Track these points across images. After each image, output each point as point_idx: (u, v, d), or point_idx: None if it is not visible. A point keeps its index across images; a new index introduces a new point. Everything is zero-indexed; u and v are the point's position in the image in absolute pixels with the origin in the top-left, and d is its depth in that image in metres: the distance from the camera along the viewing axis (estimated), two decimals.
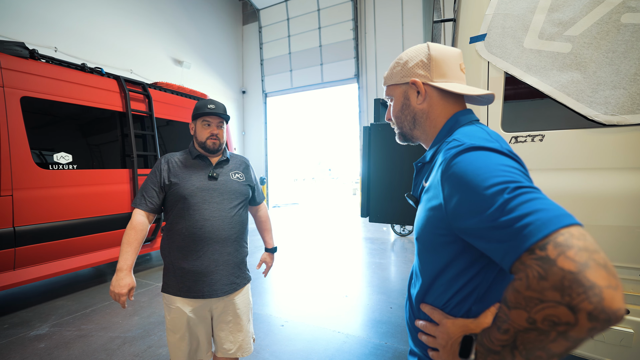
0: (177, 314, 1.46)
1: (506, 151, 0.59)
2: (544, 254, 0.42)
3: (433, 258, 0.67)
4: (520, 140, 1.45)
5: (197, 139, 1.53)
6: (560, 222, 0.44)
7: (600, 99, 1.32)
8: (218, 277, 1.47)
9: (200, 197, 1.45)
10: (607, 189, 1.30)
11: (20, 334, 2.73)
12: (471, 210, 0.53)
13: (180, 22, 9.39)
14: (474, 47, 1.55)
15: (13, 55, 3.02)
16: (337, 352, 2.40)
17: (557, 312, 0.40)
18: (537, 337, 0.43)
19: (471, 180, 0.54)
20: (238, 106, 12.10)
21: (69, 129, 3.52)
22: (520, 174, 0.54)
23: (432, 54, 0.74)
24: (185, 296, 1.45)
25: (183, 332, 1.47)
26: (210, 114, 1.50)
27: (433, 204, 0.64)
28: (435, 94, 0.75)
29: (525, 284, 0.44)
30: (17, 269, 2.95)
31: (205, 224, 1.44)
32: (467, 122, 0.73)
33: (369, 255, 5.19)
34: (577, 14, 1.36)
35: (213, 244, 1.45)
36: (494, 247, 0.50)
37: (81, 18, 6.70)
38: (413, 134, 0.81)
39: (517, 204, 0.48)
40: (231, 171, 1.59)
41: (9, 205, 2.86)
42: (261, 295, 3.56)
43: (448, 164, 0.60)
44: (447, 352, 0.62)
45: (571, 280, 0.39)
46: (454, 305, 0.65)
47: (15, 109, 2.96)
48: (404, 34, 9.27)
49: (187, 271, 1.43)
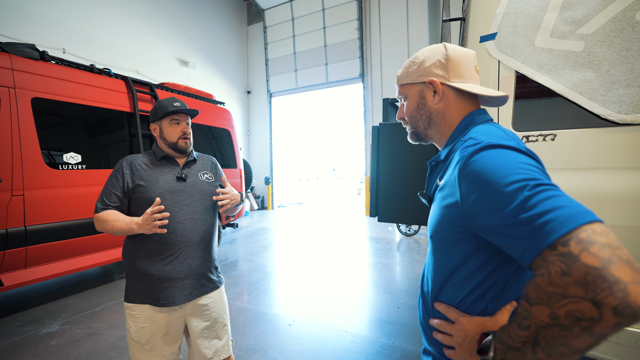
0: (147, 323, 1.35)
1: (524, 149, 0.59)
2: (567, 250, 0.42)
3: (448, 256, 0.67)
4: (531, 140, 1.44)
5: (165, 139, 1.43)
6: (582, 219, 0.44)
7: (614, 98, 1.30)
8: (190, 281, 1.39)
9: (170, 200, 1.36)
10: (621, 189, 1.28)
11: (32, 331, 2.77)
12: (490, 208, 0.53)
13: (186, 23, 9.45)
14: (484, 46, 1.54)
15: (24, 57, 3.06)
16: (345, 351, 2.40)
17: (581, 308, 0.40)
18: (559, 332, 0.43)
19: (490, 177, 0.54)
20: (243, 106, 12.14)
21: (78, 129, 3.56)
22: (539, 171, 0.54)
23: (449, 54, 0.74)
24: (155, 304, 1.34)
25: (153, 343, 1.35)
26: (178, 112, 1.40)
27: (449, 201, 0.64)
28: (452, 94, 0.76)
29: (548, 279, 0.44)
30: (28, 268, 3.00)
31: (177, 227, 1.35)
32: (482, 121, 0.73)
33: (374, 255, 5.18)
34: (590, 12, 1.35)
35: (185, 248, 1.37)
36: (513, 244, 0.50)
37: (89, 19, 6.77)
38: (427, 133, 0.81)
39: (538, 201, 0.48)
40: (199, 171, 1.51)
41: (20, 205, 2.90)
42: (267, 295, 3.57)
43: (466, 162, 0.60)
44: (464, 350, 0.62)
45: (595, 276, 0.39)
46: (469, 303, 0.65)
47: (26, 109, 3.00)
48: (409, 34, 9.22)
49: (157, 278, 1.33)
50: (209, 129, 5.26)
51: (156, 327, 1.36)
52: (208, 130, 5.25)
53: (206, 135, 5.23)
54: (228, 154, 5.62)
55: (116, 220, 1.29)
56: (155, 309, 1.36)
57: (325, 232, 7.28)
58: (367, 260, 4.89)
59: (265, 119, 12.01)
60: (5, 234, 2.79)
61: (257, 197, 11.87)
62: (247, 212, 10.46)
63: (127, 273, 1.39)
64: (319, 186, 24.86)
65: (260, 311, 3.13)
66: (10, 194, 2.85)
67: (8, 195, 2.83)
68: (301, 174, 24.90)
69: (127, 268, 1.39)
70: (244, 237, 6.81)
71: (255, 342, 2.54)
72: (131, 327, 1.36)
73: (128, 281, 1.39)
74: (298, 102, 13.93)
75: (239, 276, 4.19)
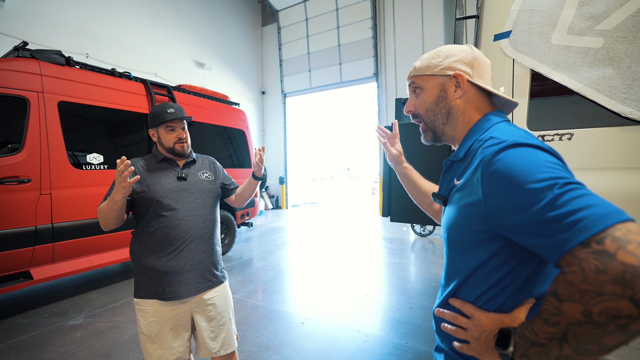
0: (155, 318, 1.41)
1: (548, 148, 0.59)
2: (602, 248, 0.42)
3: (467, 256, 0.67)
4: (547, 139, 1.41)
5: (163, 145, 1.52)
6: (616, 217, 0.44)
7: (635, 95, 1.26)
8: (194, 275, 1.45)
9: (172, 198, 1.44)
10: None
11: (58, 323, 2.92)
12: (517, 206, 0.53)
13: (201, 26, 9.65)
14: (498, 45, 1.52)
15: (52, 62, 3.22)
16: (358, 350, 2.41)
17: (618, 305, 0.40)
18: (592, 330, 0.43)
19: (517, 175, 0.54)
20: (258, 107, 12.28)
21: (100, 131, 3.71)
22: (566, 170, 0.54)
23: (475, 55, 0.76)
24: (162, 299, 1.41)
25: (162, 336, 1.42)
26: (172, 119, 1.49)
27: (469, 200, 0.64)
28: (473, 92, 0.76)
29: (581, 277, 0.44)
30: (55, 263, 3.16)
31: (180, 223, 1.43)
32: (500, 121, 0.72)
33: (388, 255, 5.15)
34: (610, 6, 1.31)
35: (188, 243, 1.45)
36: (541, 242, 0.50)
37: (110, 25, 7.03)
38: (445, 130, 0.80)
39: (569, 199, 0.48)
40: (199, 171, 1.59)
41: (48, 203, 3.06)
42: (281, 293, 3.62)
43: (490, 160, 0.59)
44: (481, 345, 0.62)
45: (634, 274, 0.40)
46: (486, 299, 0.65)
47: (53, 113, 3.16)
48: (424, 32, 9.09)
49: (162, 272, 1.40)
50: (224, 130, 5.36)
51: (164, 321, 1.42)
52: (223, 131, 5.36)
53: (221, 136, 5.33)
54: (243, 154, 5.72)
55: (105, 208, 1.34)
56: (161, 304, 1.42)
57: (339, 231, 7.28)
58: (381, 260, 4.87)
59: (280, 119, 12.11)
60: (35, 231, 2.95)
61: (272, 196, 12.00)
62: (262, 212, 10.59)
63: (135, 270, 1.46)
64: (333, 186, 24.86)
65: (274, 309, 3.18)
66: (39, 193, 3.01)
67: (37, 194, 2.99)
68: (315, 174, 24.95)
69: (134, 265, 1.46)
70: (259, 236, 6.91)
71: (269, 339, 2.59)
72: (141, 322, 1.43)
73: (136, 278, 1.46)
74: (312, 102, 13.97)
75: (253, 274, 4.26)
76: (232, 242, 5.38)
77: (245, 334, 2.67)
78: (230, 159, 5.50)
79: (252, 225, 6.22)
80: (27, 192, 2.93)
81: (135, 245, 1.46)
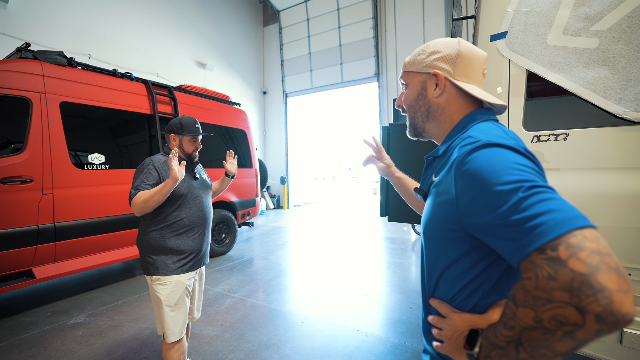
0: (176, 287, 1.73)
1: (522, 150, 0.58)
2: (555, 255, 0.42)
3: (441, 253, 0.67)
4: (543, 139, 1.42)
5: (183, 150, 1.87)
6: (573, 224, 0.44)
7: (630, 96, 1.27)
8: (204, 252, 1.89)
9: (195, 193, 1.84)
10: (638, 189, 1.25)
11: (60, 321, 2.95)
12: (484, 207, 0.53)
13: (203, 26, 9.68)
14: (494, 45, 1.53)
15: (54, 63, 3.25)
16: (356, 350, 2.43)
17: (565, 313, 0.41)
18: (542, 335, 0.44)
19: (485, 177, 0.54)
20: (259, 107, 12.31)
21: (102, 131, 3.74)
22: (535, 173, 0.53)
23: (461, 50, 0.73)
24: (187, 271, 1.77)
25: (180, 302, 1.75)
26: (197, 134, 1.87)
27: (443, 198, 0.64)
28: (454, 91, 0.74)
29: (535, 283, 0.44)
30: (57, 262, 3.18)
31: (201, 213, 1.85)
32: (483, 119, 0.71)
33: (389, 254, 5.16)
34: (605, 7, 1.32)
35: (205, 228, 1.88)
36: (503, 245, 0.50)
37: (112, 25, 7.07)
38: (425, 127, 0.80)
39: (531, 203, 0.47)
40: (200, 172, 1.99)
41: (50, 203, 3.09)
42: (281, 293, 3.64)
43: (463, 160, 0.59)
44: (452, 344, 0.63)
45: (581, 282, 0.40)
46: (461, 299, 0.65)
47: (56, 113, 3.19)
48: (425, 32, 9.09)
49: (188, 251, 1.77)
50: (225, 130, 5.38)
51: (182, 288, 1.77)
52: (224, 131, 5.38)
53: (222, 136, 5.35)
54: (244, 154, 5.74)
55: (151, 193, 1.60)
56: (182, 276, 1.76)
57: (340, 231, 7.29)
58: (381, 260, 4.87)
59: (281, 119, 12.13)
60: (37, 230, 2.98)
61: (273, 196, 12.02)
62: (263, 211, 10.60)
63: (153, 253, 1.73)
64: (335, 186, 24.86)
65: (274, 308, 3.19)
66: (41, 193, 3.04)
67: (39, 193, 3.02)
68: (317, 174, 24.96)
69: (155, 249, 1.72)
70: (260, 235, 6.93)
71: (269, 338, 2.60)
72: (162, 294, 1.71)
73: (156, 258, 1.72)
74: (313, 102, 13.97)
75: (254, 274, 4.28)
76: (233, 242, 5.40)
77: (245, 333, 2.68)
78: None
79: (253, 225, 6.23)
80: (30, 192, 2.96)
81: (158, 233, 1.73)
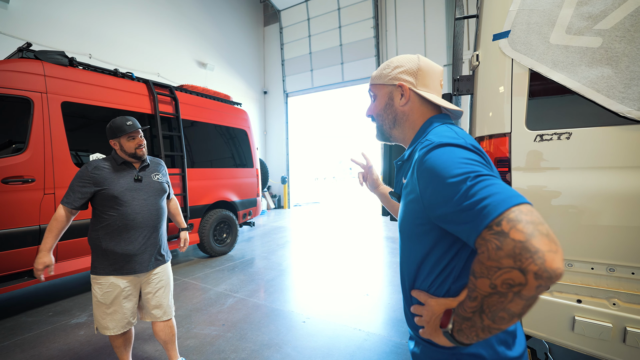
0: (111, 288, 1.76)
1: (469, 146, 0.66)
2: (500, 229, 0.50)
3: (416, 247, 0.75)
4: (545, 139, 1.42)
5: (125, 151, 1.84)
6: (511, 202, 0.51)
7: (633, 95, 1.26)
8: (146, 256, 1.84)
9: (129, 196, 1.79)
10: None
11: (62, 321, 2.95)
12: (442, 199, 0.61)
13: (203, 26, 9.68)
14: (497, 44, 1.52)
15: (55, 63, 3.25)
16: (358, 349, 2.42)
17: (512, 276, 0.48)
18: (498, 299, 0.51)
19: (439, 172, 0.62)
20: (260, 106, 12.31)
21: (103, 131, 3.73)
22: (480, 165, 0.61)
23: (421, 64, 0.83)
24: (119, 274, 1.77)
25: (115, 303, 1.77)
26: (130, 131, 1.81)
27: (411, 197, 0.72)
28: (417, 100, 0.84)
29: (487, 255, 0.51)
30: (59, 262, 3.19)
31: (136, 216, 1.79)
32: (440, 124, 0.80)
33: (390, 254, 5.16)
34: (608, 6, 1.31)
35: (142, 231, 1.82)
36: (462, 229, 0.58)
37: (113, 25, 7.07)
38: (392, 133, 0.89)
39: (477, 189, 0.55)
40: (152, 173, 1.95)
41: (51, 203, 3.09)
42: (283, 292, 3.64)
43: (421, 161, 0.68)
44: (431, 327, 0.69)
45: (521, 248, 0.47)
46: (437, 286, 0.72)
47: (57, 113, 3.19)
48: (426, 32, 9.07)
49: (120, 254, 1.76)
50: (226, 130, 5.39)
51: (118, 290, 1.78)
52: (225, 131, 5.38)
53: (223, 136, 5.36)
54: (245, 153, 5.74)
55: (50, 230, 1.72)
56: (118, 277, 1.78)
57: (341, 231, 7.29)
58: (383, 260, 4.87)
59: (282, 119, 12.13)
60: (39, 230, 2.98)
61: (274, 196, 12.03)
62: (264, 211, 10.61)
63: (94, 253, 1.79)
64: (336, 185, 24.86)
65: (276, 308, 3.19)
66: (43, 193, 3.04)
67: (41, 193, 3.02)
68: (318, 173, 24.96)
69: (93, 249, 1.79)
70: (261, 235, 6.93)
71: (270, 338, 2.60)
72: (97, 293, 1.77)
73: (95, 259, 1.78)
74: (314, 102, 13.97)
75: (255, 273, 4.28)
76: (234, 242, 5.40)
77: (246, 333, 2.69)
78: (233, 159, 5.52)
79: (254, 225, 6.24)
80: (31, 192, 2.97)
81: (95, 234, 1.77)
